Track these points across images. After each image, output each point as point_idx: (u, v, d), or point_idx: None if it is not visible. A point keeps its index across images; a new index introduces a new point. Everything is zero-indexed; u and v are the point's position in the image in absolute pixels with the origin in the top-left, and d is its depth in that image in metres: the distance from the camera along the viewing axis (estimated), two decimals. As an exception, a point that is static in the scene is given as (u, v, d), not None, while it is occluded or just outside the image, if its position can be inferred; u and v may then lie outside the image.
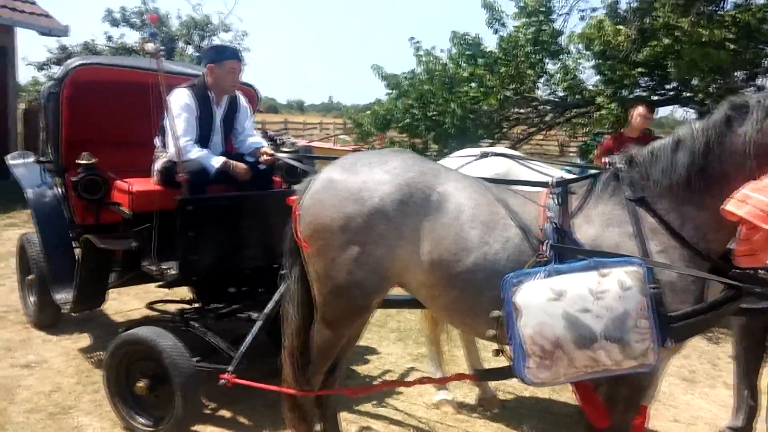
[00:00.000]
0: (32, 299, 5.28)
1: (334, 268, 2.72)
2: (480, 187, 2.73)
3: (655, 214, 2.51)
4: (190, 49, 19.10)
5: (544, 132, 8.08)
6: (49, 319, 5.15)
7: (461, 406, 4.15)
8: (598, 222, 2.58)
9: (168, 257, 3.91)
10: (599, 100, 7.00)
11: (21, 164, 5.56)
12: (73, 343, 4.93)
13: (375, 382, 4.46)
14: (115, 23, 19.15)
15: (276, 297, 3.57)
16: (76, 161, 4.00)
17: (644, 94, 6.90)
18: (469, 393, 4.33)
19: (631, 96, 7.04)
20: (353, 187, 2.70)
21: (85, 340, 5.02)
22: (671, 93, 7.44)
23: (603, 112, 6.80)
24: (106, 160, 4.23)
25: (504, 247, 2.57)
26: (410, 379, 4.54)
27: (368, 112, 7.90)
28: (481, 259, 2.56)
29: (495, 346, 2.59)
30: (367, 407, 4.03)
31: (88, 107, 4.60)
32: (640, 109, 5.20)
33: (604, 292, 2.30)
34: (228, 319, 3.90)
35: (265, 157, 4.13)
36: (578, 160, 7.39)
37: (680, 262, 2.47)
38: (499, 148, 4.00)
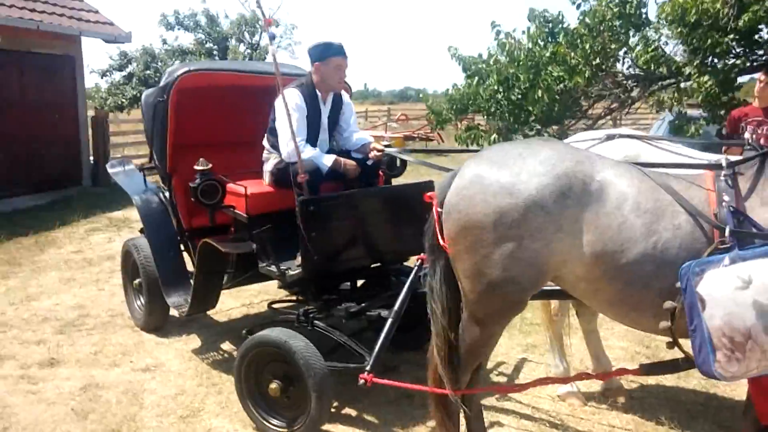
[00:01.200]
0: (139, 303, 5.40)
1: (487, 264, 2.64)
2: (639, 173, 2.61)
3: (842, 193, 2.36)
4: (242, 47, 19.30)
5: (628, 108, 7.80)
6: (158, 322, 5.26)
7: (587, 398, 4.04)
8: (777, 204, 2.43)
9: (287, 258, 3.92)
10: (688, 70, 6.72)
11: (121, 172, 5.68)
12: (184, 345, 5.02)
13: (492, 375, 4.39)
14: (170, 27, 19.50)
15: (403, 294, 3.54)
16: (194, 167, 4.02)
17: (738, 62, 6.59)
18: (592, 384, 4.21)
19: (721, 65, 6.75)
20: (505, 180, 2.61)
21: (195, 341, 5.10)
22: (763, 58, 7.08)
23: (693, 84, 6.52)
24: (212, 163, 4.26)
25: (675, 235, 2.44)
26: (527, 373, 4.48)
27: (445, 98, 7.80)
28: (650, 249, 2.45)
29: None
30: (491, 401, 3.97)
31: (193, 112, 4.66)
32: (760, 76, 4.98)
33: (796, 278, 2.16)
34: (359, 318, 3.87)
35: (374, 153, 4.09)
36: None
37: None
38: (624, 130, 3.85)
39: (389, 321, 3.47)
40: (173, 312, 4.99)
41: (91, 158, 13.29)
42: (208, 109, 4.80)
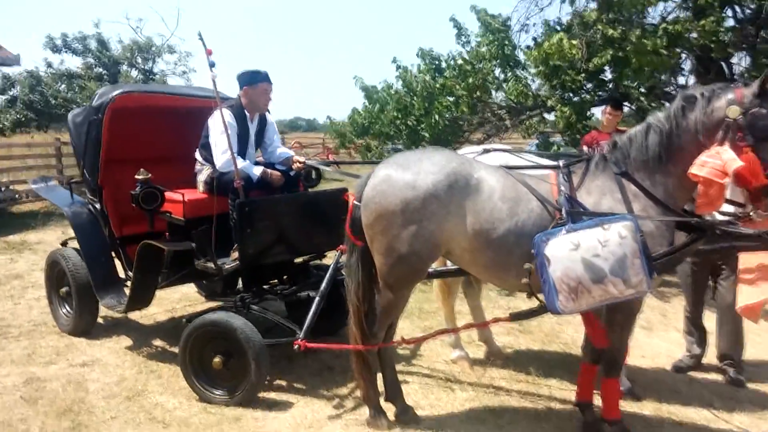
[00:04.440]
0: (65, 310, 5.75)
1: (397, 242, 3.50)
2: (504, 173, 3.58)
3: (635, 183, 3.42)
4: (134, 72, 19.27)
5: (502, 134, 9.06)
6: (87, 326, 5.60)
7: (474, 361, 4.98)
8: (596, 192, 3.46)
9: (221, 255, 4.56)
10: (550, 102, 8.04)
11: (45, 188, 6.06)
12: (116, 344, 5.45)
13: (398, 349, 5.22)
14: (56, 50, 19.10)
15: (328, 278, 4.31)
16: (135, 176, 4.56)
17: (588, 96, 7.97)
18: (478, 350, 5.17)
19: (575, 99, 8.12)
20: (409, 178, 3.49)
21: (126, 341, 5.54)
22: (608, 94, 8.57)
23: (557, 113, 7.82)
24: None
25: (529, 216, 3.41)
26: (426, 345, 5.35)
27: (347, 121, 8.71)
28: (512, 226, 3.40)
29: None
30: (399, 367, 4.78)
31: (125, 130, 5.18)
32: (607, 109, 6.25)
33: (607, 241, 3.15)
34: (290, 298, 4.58)
35: (297, 165, 4.84)
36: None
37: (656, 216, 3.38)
38: (496, 145, 4.87)
39: (317, 298, 4.22)
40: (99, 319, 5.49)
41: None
42: (138, 127, 5.34)
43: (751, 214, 3.39)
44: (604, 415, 3.72)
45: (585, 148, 6.13)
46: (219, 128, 4.51)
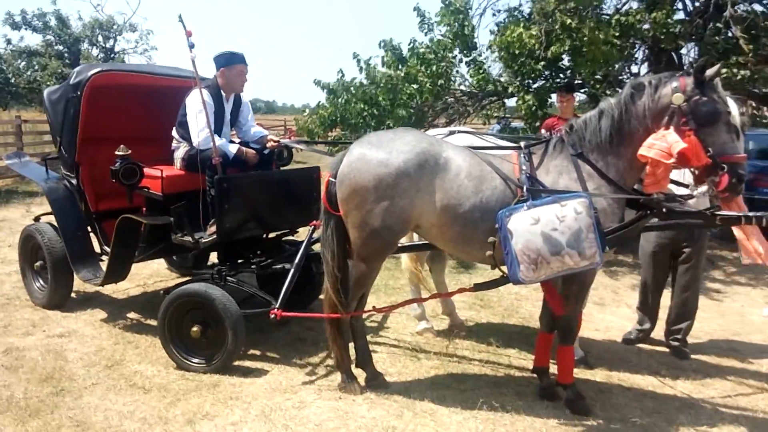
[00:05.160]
0: (39, 284, 5.84)
1: (370, 216, 3.74)
2: (470, 153, 3.84)
3: (589, 164, 3.72)
4: (95, 50, 18.97)
5: (464, 120, 9.36)
6: (62, 299, 5.71)
7: (438, 333, 5.27)
8: (554, 172, 3.75)
9: (198, 229, 4.73)
10: (510, 89, 8.35)
11: (19, 163, 6.11)
12: (91, 317, 5.57)
13: (367, 321, 5.49)
14: (15, 26, 18.65)
15: (302, 251, 4.53)
16: (116, 152, 4.68)
17: (545, 83, 8.30)
18: (442, 323, 5.46)
19: (535, 86, 8.45)
20: (381, 156, 3.73)
21: (101, 313, 5.66)
22: (565, 81, 8.92)
23: (518, 102, 8.14)
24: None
25: (493, 193, 3.69)
26: (393, 318, 5.62)
27: (313, 116, 8.91)
28: (478, 202, 3.67)
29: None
30: (369, 338, 5.03)
31: (103, 108, 5.29)
32: (558, 95, 6.55)
33: (564, 216, 3.44)
34: (266, 270, 4.79)
35: (271, 144, 5.03)
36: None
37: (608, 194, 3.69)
38: (462, 128, 5.13)
39: (292, 270, 4.44)
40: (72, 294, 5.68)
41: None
42: (116, 105, 5.45)
43: (694, 193, 3.72)
44: (559, 379, 4.04)
45: (544, 131, 6.45)
46: (197, 107, 4.66)
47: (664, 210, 3.74)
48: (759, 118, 8.87)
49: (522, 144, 3.88)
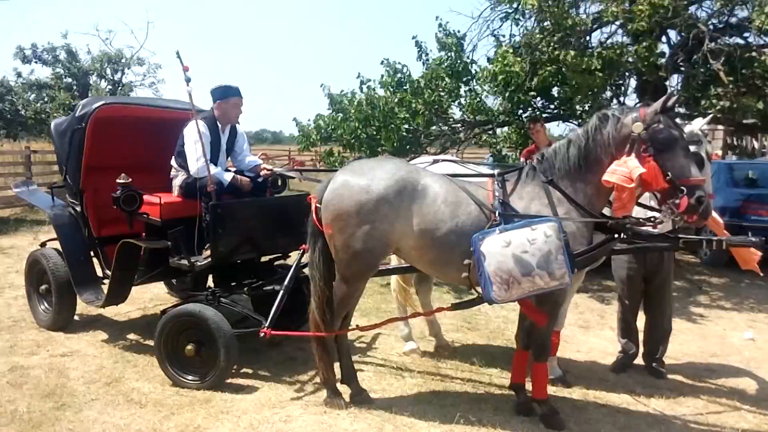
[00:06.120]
0: (44, 307, 6.09)
1: (353, 240, 3.98)
2: (447, 180, 4.10)
3: (559, 190, 3.96)
4: (103, 83, 19.51)
5: (458, 147, 9.67)
6: (65, 321, 5.96)
7: (424, 354, 5.47)
8: (526, 198, 4.00)
9: (194, 253, 4.99)
10: (502, 117, 8.66)
11: (27, 191, 6.42)
12: (93, 338, 5.81)
13: (355, 342, 5.69)
14: (26, 60, 19.25)
15: (291, 273, 4.77)
16: (117, 180, 4.96)
17: (537, 113, 8.61)
18: (428, 345, 5.66)
19: (525, 115, 8.77)
20: (363, 183, 3.99)
21: (102, 335, 5.90)
22: (555, 111, 9.24)
23: (507, 129, 8.45)
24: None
25: (468, 217, 3.93)
26: (381, 339, 5.83)
27: (314, 125, 9.26)
28: (454, 227, 3.91)
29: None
30: (355, 358, 5.24)
31: (105, 139, 5.58)
32: (529, 125, 6.89)
33: (535, 239, 3.67)
34: (257, 291, 5.03)
35: (264, 172, 5.31)
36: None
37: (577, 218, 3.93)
38: (444, 156, 5.40)
39: (281, 291, 4.67)
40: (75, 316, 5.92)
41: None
42: (118, 136, 5.75)
43: (658, 216, 3.96)
44: (534, 395, 4.24)
45: (522, 160, 6.74)
46: (194, 137, 4.95)
47: (630, 233, 3.98)
48: (740, 148, 9.12)
49: (495, 172, 4.13)
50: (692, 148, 3.94)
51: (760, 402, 4.69)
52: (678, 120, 3.90)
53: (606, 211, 4.09)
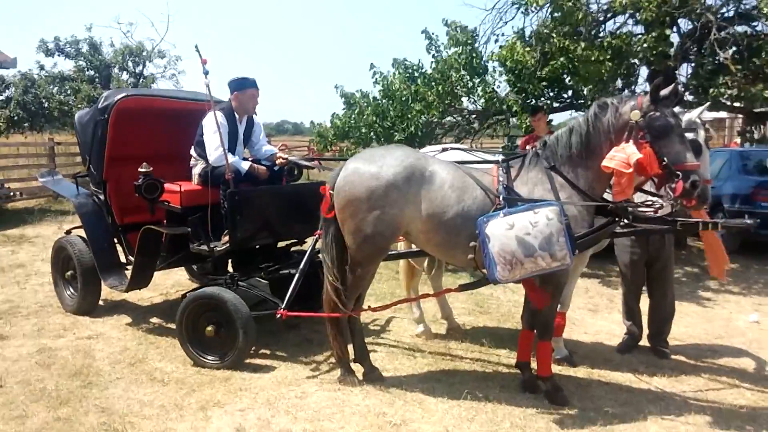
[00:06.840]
0: (70, 292, 6.36)
1: (363, 224, 4.17)
2: (454, 167, 4.27)
3: (561, 175, 4.12)
4: (125, 75, 19.86)
5: (472, 137, 9.81)
6: (90, 306, 6.23)
7: (436, 336, 5.66)
8: (530, 183, 4.16)
9: (213, 239, 5.20)
10: (515, 108, 8.80)
11: (52, 181, 6.68)
12: (117, 322, 6.07)
13: (369, 325, 5.90)
14: (49, 53, 19.64)
15: (306, 257, 4.97)
16: (139, 169, 5.19)
17: (548, 102, 8.73)
18: (440, 327, 5.85)
19: (535, 104, 8.88)
20: (373, 170, 4.17)
21: (126, 318, 6.16)
22: (567, 101, 9.34)
23: (518, 120, 8.58)
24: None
25: (474, 202, 4.10)
26: (395, 323, 6.03)
27: (329, 125, 9.46)
28: (460, 211, 4.09)
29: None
30: (369, 339, 5.45)
31: (127, 130, 5.81)
32: (529, 118, 7.05)
33: (537, 222, 3.83)
34: (274, 275, 5.25)
35: (280, 161, 5.50)
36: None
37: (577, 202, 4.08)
38: (453, 144, 5.57)
39: (297, 274, 4.88)
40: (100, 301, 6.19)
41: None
42: (139, 127, 5.98)
43: (659, 200, 4.10)
44: (538, 372, 4.41)
45: (527, 147, 6.90)
46: (212, 128, 5.15)
47: (630, 216, 4.12)
48: (749, 134, 9.16)
49: (500, 158, 4.29)
50: (690, 135, 4.07)
51: (759, 381, 4.83)
52: (679, 108, 4.03)
53: (607, 196, 4.25)
